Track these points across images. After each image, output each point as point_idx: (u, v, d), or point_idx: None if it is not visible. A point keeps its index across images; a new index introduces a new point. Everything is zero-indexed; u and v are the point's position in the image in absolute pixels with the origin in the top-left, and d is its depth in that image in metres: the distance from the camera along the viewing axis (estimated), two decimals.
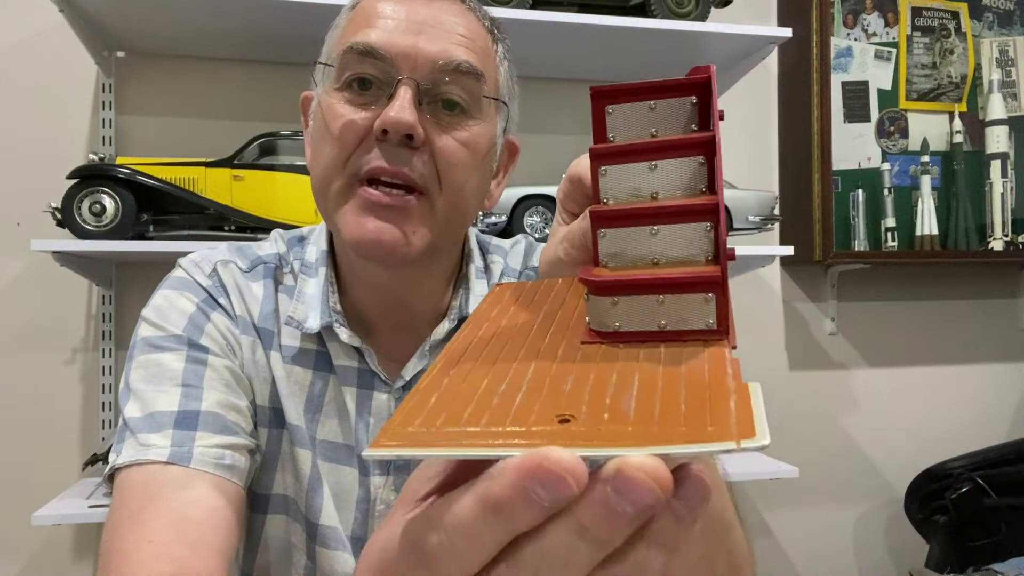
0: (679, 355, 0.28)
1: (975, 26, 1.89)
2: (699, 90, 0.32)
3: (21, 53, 1.45)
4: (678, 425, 0.22)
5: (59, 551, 1.43)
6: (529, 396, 0.25)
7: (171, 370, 0.62)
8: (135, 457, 0.58)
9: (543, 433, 0.22)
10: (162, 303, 0.66)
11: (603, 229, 0.31)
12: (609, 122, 0.33)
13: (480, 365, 0.28)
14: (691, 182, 0.31)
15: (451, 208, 0.63)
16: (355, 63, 0.61)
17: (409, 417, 0.25)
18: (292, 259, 0.71)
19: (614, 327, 0.30)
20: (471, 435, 0.23)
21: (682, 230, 0.30)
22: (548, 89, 1.67)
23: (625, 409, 0.24)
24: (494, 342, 0.31)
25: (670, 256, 0.31)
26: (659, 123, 0.32)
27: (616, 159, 0.32)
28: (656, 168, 0.32)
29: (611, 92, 0.33)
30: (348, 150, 0.61)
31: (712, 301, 0.29)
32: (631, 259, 0.31)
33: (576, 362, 0.28)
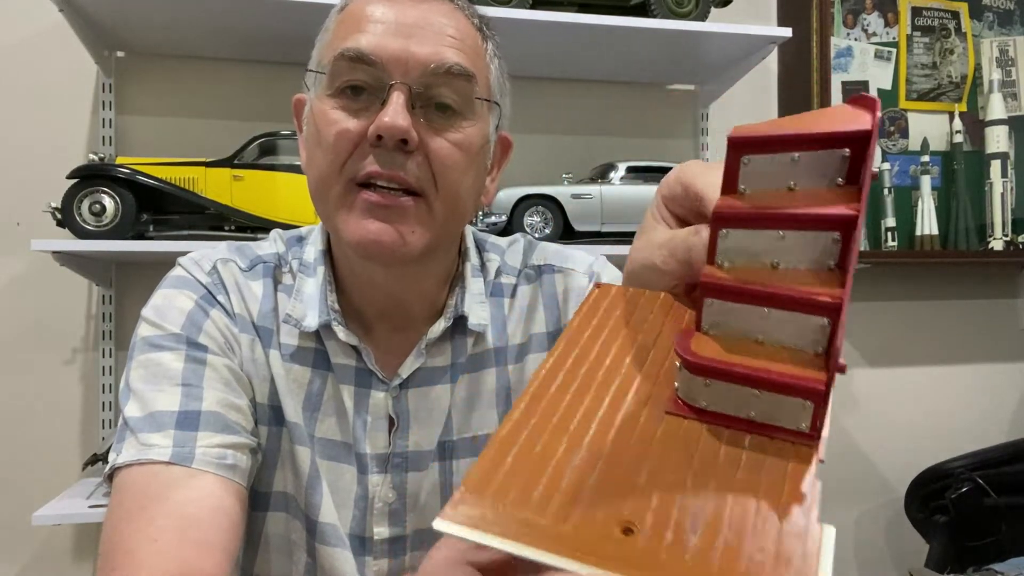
0: (761, 463, 0.26)
1: (975, 26, 1.89)
2: (855, 144, 0.28)
3: (21, 53, 1.45)
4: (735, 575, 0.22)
5: (59, 551, 1.43)
6: (601, 483, 0.25)
7: (171, 369, 0.62)
8: (136, 457, 0.58)
9: (604, 552, 0.23)
10: (161, 302, 0.66)
11: (712, 299, 0.29)
12: (743, 172, 0.29)
13: (561, 419, 0.28)
14: (820, 256, 0.28)
15: (448, 209, 0.63)
16: (346, 70, 0.61)
17: (482, 483, 0.25)
18: (291, 258, 0.71)
19: (702, 405, 0.29)
20: (537, 530, 0.23)
21: (796, 320, 0.28)
22: (548, 89, 1.67)
23: (689, 532, 0.23)
24: (579, 386, 0.30)
25: (777, 340, 0.28)
26: (800, 175, 0.29)
27: (741, 224, 0.29)
28: (784, 238, 0.28)
29: (754, 142, 0.29)
30: (343, 157, 0.61)
31: (810, 409, 0.27)
32: (735, 332, 0.29)
33: (655, 443, 0.27)
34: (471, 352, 0.70)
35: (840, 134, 0.28)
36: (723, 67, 1.61)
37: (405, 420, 0.68)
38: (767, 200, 0.29)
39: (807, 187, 0.29)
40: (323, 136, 0.61)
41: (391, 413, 0.68)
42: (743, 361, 0.28)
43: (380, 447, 0.67)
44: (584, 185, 1.46)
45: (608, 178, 1.48)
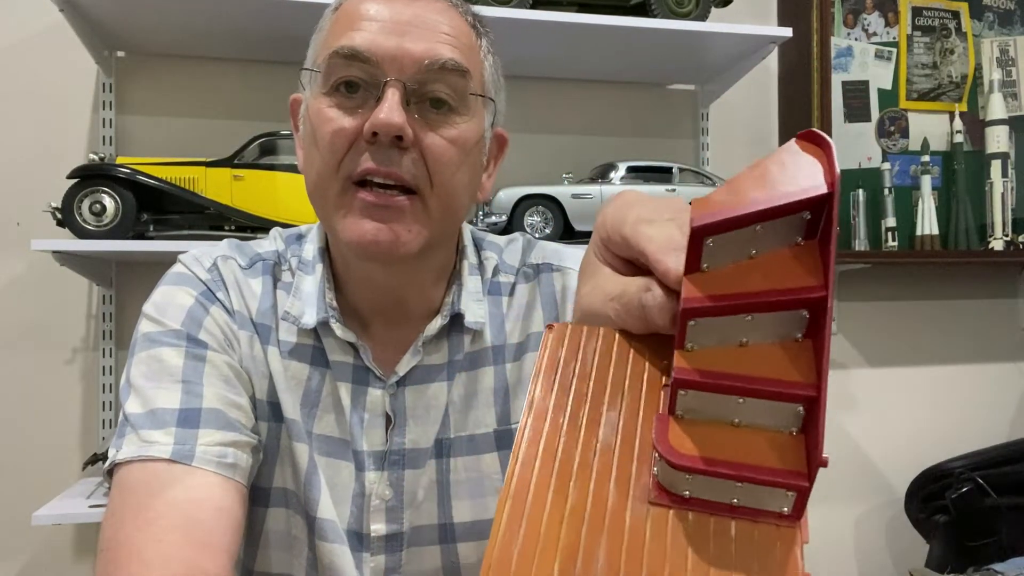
0: (750, 552, 0.27)
1: (975, 26, 1.89)
2: (815, 206, 0.28)
3: (21, 53, 1.45)
4: None
5: (59, 551, 1.43)
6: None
7: (171, 366, 0.62)
8: (137, 453, 0.58)
9: None
10: (161, 298, 0.66)
11: (684, 389, 0.29)
12: (706, 252, 0.29)
13: (548, 523, 0.28)
14: (788, 331, 0.29)
15: (444, 205, 0.63)
16: (341, 67, 0.61)
17: None
18: (290, 256, 0.72)
19: (684, 494, 0.28)
20: None
21: (772, 405, 0.28)
22: (548, 89, 1.67)
23: None
24: (560, 473, 0.29)
25: (752, 422, 0.29)
26: (761, 241, 0.29)
27: (708, 313, 0.29)
28: (752, 319, 0.29)
29: (717, 227, 0.29)
30: (339, 155, 0.61)
31: (793, 497, 0.27)
32: (710, 416, 0.29)
33: (648, 535, 0.27)
34: (468, 350, 0.70)
35: (802, 202, 0.28)
36: (723, 67, 1.61)
37: (402, 417, 0.68)
38: (732, 281, 0.29)
39: (767, 250, 0.29)
40: (319, 134, 0.62)
41: (388, 410, 0.68)
42: (724, 456, 0.28)
43: (377, 444, 0.68)
44: (584, 185, 1.46)
45: (608, 178, 1.48)
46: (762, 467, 0.27)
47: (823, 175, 0.28)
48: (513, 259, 0.75)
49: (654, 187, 1.46)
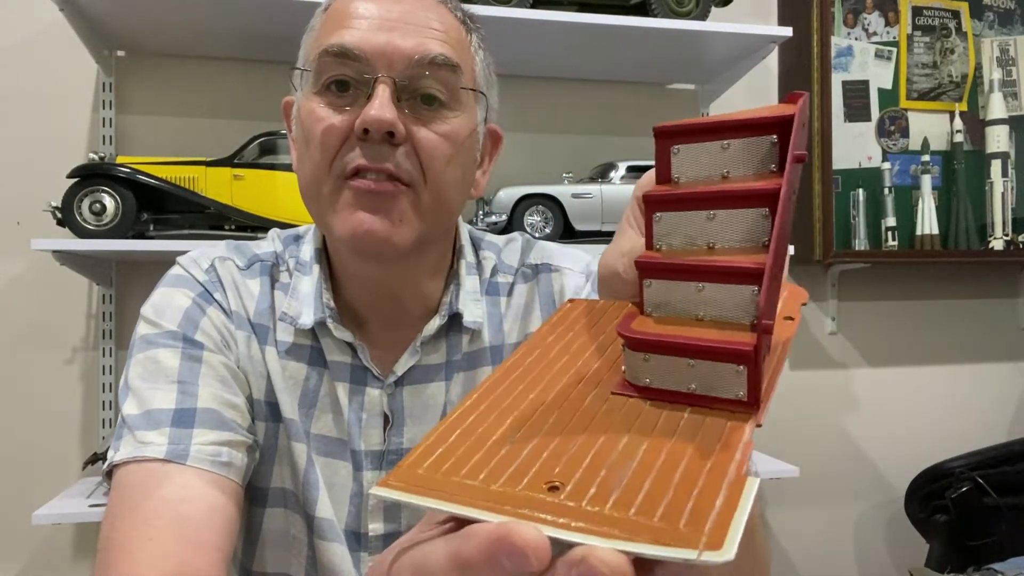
0: (697, 426, 0.27)
1: (976, 25, 1.89)
2: (781, 128, 0.29)
3: (21, 53, 1.45)
4: (651, 518, 0.22)
5: (59, 551, 1.43)
6: (535, 451, 0.26)
7: (167, 367, 0.63)
8: (133, 454, 0.58)
9: (527, 500, 0.24)
10: (159, 300, 0.67)
11: (649, 279, 0.30)
12: (675, 162, 0.30)
13: (508, 405, 0.29)
14: (752, 234, 0.29)
15: (437, 200, 0.63)
16: (331, 66, 0.61)
17: (423, 456, 0.26)
18: (288, 257, 0.72)
19: (645, 383, 0.29)
20: (465, 489, 0.24)
21: (727, 291, 0.29)
22: (548, 88, 1.67)
23: (612, 487, 0.24)
24: (533, 380, 0.31)
25: (715, 315, 0.29)
26: (733, 163, 0.30)
27: (670, 206, 0.30)
28: (715, 218, 0.29)
29: (678, 131, 0.30)
30: (331, 153, 0.61)
31: (743, 374, 0.27)
32: (676, 311, 0.30)
33: (595, 419, 0.28)
34: (467, 350, 0.70)
35: (763, 119, 0.29)
36: (724, 66, 1.61)
37: (400, 417, 0.68)
38: (697, 185, 0.30)
39: (740, 175, 0.30)
40: (311, 133, 0.62)
41: (386, 410, 0.68)
42: (676, 331, 0.28)
43: (375, 444, 0.68)
44: (585, 184, 1.46)
45: (608, 177, 1.48)
46: (709, 338, 0.28)
47: (791, 108, 0.29)
48: (512, 259, 0.75)
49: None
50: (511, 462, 0.26)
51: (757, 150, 0.29)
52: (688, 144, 0.30)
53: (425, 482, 0.25)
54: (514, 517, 0.23)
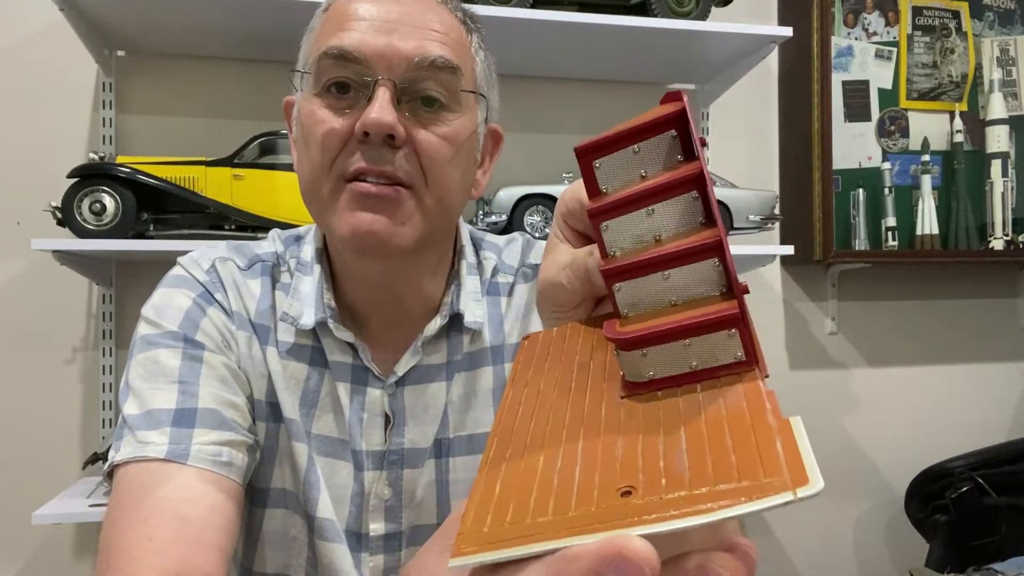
0: (717, 395, 0.28)
1: (976, 25, 1.89)
2: (676, 123, 0.32)
3: (21, 52, 1.45)
4: (733, 482, 0.23)
5: (59, 550, 1.43)
6: (586, 471, 0.26)
7: (168, 367, 0.63)
8: (133, 454, 0.58)
9: (610, 511, 0.23)
10: (160, 300, 0.67)
11: (617, 283, 0.32)
12: (599, 176, 0.33)
13: (532, 441, 0.29)
14: (689, 217, 0.32)
15: (438, 201, 0.63)
16: (331, 68, 0.61)
17: (480, 515, 0.26)
18: (289, 258, 0.72)
19: (649, 376, 0.30)
20: (544, 526, 0.24)
21: (692, 271, 0.31)
22: (549, 88, 1.67)
23: (680, 470, 0.24)
24: (539, 412, 0.31)
25: (686, 296, 0.31)
26: (646, 163, 0.33)
27: (613, 213, 0.32)
28: (653, 212, 0.32)
29: (593, 147, 0.33)
30: (332, 155, 0.61)
31: (736, 336, 0.29)
32: (650, 305, 0.32)
33: (622, 421, 0.29)
34: (467, 350, 0.70)
35: (660, 118, 0.32)
36: (724, 66, 1.61)
37: (401, 417, 0.68)
38: (627, 188, 0.33)
39: (655, 172, 0.32)
40: (311, 135, 0.62)
41: (387, 410, 0.68)
42: (661, 321, 0.30)
43: (376, 444, 0.68)
44: None
45: None
46: (696, 314, 0.30)
47: (679, 104, 0.32)
48: (512, 259, 0.75)
49: None
50: (570, 488, 0.25)
51: (662, 147, 0.32)
52: (605, 156, 0.33)
53: (498, 536, 0.24)
54: (608, 531, 0.22)
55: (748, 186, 1.60)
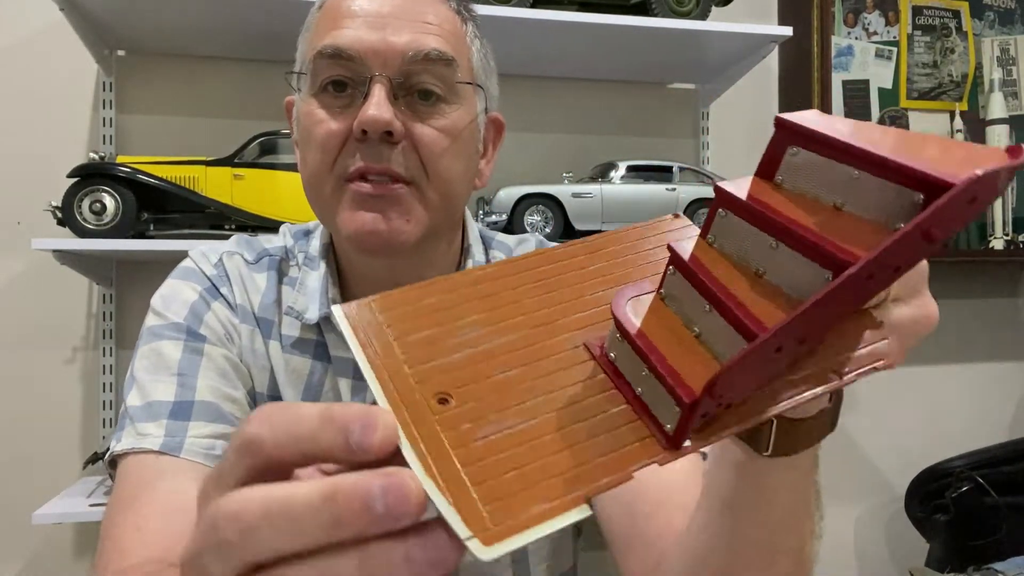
0: (609, 428, 0.26)
1: (976, 25, 1.89)
2: (937, 191, 0.22)
3: (22, 52, 1.45)
4: (476, 484, 0.23)
5: (59, 550, 1.43)
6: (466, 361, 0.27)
7: (169, 359, 0.63)
8: (132, 445, 0.59)
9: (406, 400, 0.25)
10: (167, 292, 0.68)
11: (673, 268, 0.28)
12: (787, 162, 0.26)
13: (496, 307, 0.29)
14: (804, 286, 0.24)
15: (441, 195, 0.63)
16: (327, 67, 0.61)
17: (393, 300, 0.27)
18: (297, 252, 0.73)
19: (611, 357, 0.28)
20: (383, 353, 0.26)
21: (725, 328, 0.26)
22: (548, 88, 1.67)
23: (490, 431, 0.24)
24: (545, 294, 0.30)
25: (707, 340, 0.27)
26: (855, 199, 0.24)
27: (742, 214, 0.26)
28: (777, 249, 0.25)
29: (806, 134, 0.25)
30: (332, 155, 0.61)
31: (677, 415, 0.25)
32: (678, 312, 0.28)
33: (546, 360, 0.28)
34: None
35: (919, 174, 0.22)
36: (724, 66, 1.61)
37: None
38: (788, 205, 0.25)
39: (857, 212, 0.24)
40: (311, 136, 0.62)
41: None
42: (655, 341, 0.27)
43: None
44: (585, 184, 1.46)
45: (608, 177, 1.48)
46: (670, 364, 0.26)
47: (978, 168, 0.21)
48: None
49: (654, 186, 1.46)
50: (442, 352, 0.26)
51: (891, 199, 0.23)
52: (812, 153, 0.25)
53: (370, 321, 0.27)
54: (385, 399, 0.24)
55: None
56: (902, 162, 0.22)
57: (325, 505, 0.23)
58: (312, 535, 0.23)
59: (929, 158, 0.22)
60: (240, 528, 0.24)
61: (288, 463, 0.25)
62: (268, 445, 0.25)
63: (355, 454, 0.24)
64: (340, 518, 0.23)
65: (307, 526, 0.23)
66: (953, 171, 0.21)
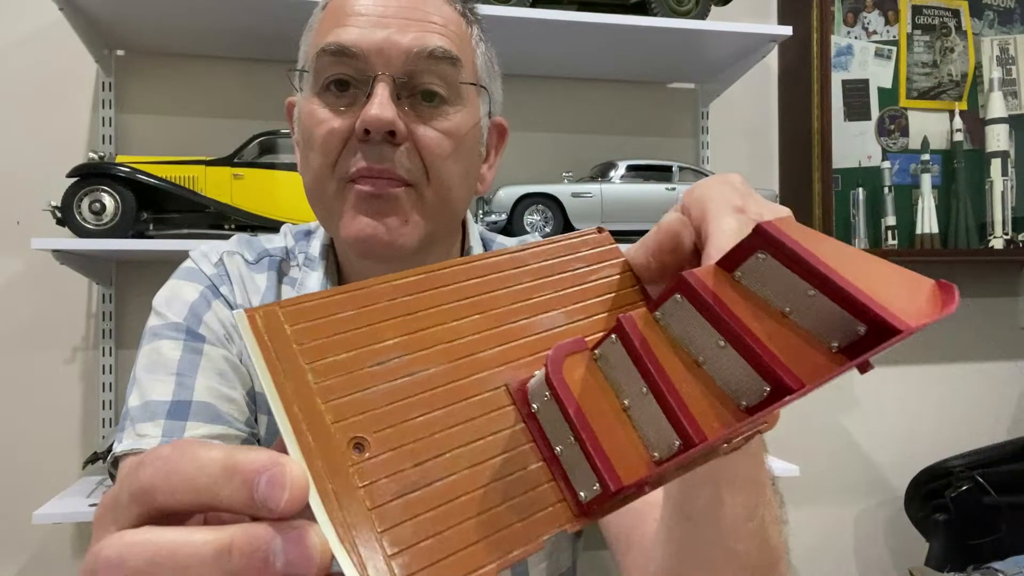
0: (519, 491, 0.25)
1: (975, 24, 1.89)
2: (877, 330, 0.22)
3: (21, 52, 1.45)
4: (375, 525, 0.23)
5: (59, 550, 1.43)
6: (384, 394, 0.26)
7: (168, 359, 0.63)
8: (131, 446, 0.59)
9: (335, 451, 0.24)
10: (168, 292, 0.68)
11: (614, 337, 0.27)
12: (751, 262, 0.26)
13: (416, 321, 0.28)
14: (740, 388, 0.24)
15: (440, 198, 0.63)
16: (330, 65, 0.61)
17: (302, 313, 0.26)
18: (298, 252, 0.73)
19: (533, 407, 0.27)
20: (292, 379, 0.25)
21: (659, 420, 0.25)
22: (548, 88, 1.67)
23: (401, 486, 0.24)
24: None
25: (635, 419, 0.26)
26: (802, 311, 0.24)
27: (696, 303, 0.26)
28: (723, 348, 0.25)
29: (775, 244, 0.25)
30: (333, 155, 0.61)
31: (597, 492, 0.25)
32: (612, 382, 0.27)
33: (466, 402, 0.27)
34: None
35: (868, 310, 0.22)
36: (723, 65, 1.61)
37: None
38: (741, 304, 0.25)
39: (800, 324, 0.25)
40: (313, 136, 0.62)
41: None
42: (585, 407, 0.26)
43: None
44: (584, 184, 1.46)
45: (608, 177, 1.48)
46: (599, 441, 0.25)
47: (920, 313, 0.23)
48: None
49: (654, 186, 1.46)
50: (359, 383, 0.25)
51: (837, 324, 0.24)
52: (776, 261, 0.25)
53: (278, 339, 0.26)
54: (290, 429, 0.24)
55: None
56: (857, 296, 0.23)
57: (219, 559, 0.21)
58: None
59: (880, 285, 0.24)
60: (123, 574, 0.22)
61: (185, 511, 0.24)
62: (161, 495, 0.23)
63: (259, 511, 0.22)
64: (234, 573, 0.21)
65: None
66: (901, 308, 0.23)
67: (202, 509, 0.24)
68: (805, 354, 0.24)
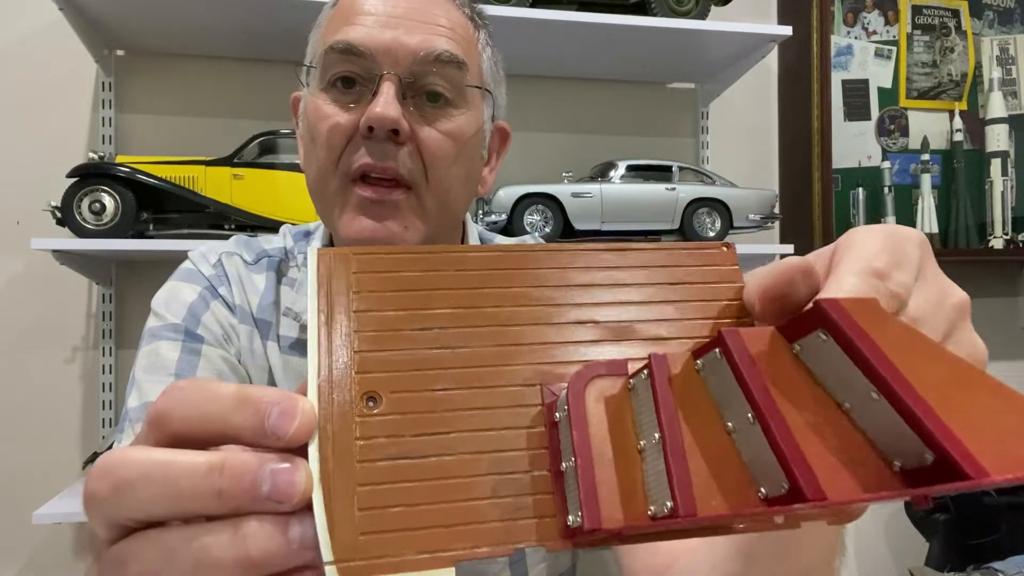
0: (510, 478, 0.25)
1: (975, 24, 1.89)
2: (947, 469, 0.19)
3: (21, 52, 1.45)
4: (366, 518, 0.23)
5: (59, 550, 1.43)
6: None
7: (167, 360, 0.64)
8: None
9: (348, 406, 0.25)
10: (167, 293, 0.68)
11: (632, 380, 0.26)
12: (812, 339, 0.23)
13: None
14: (765, 475, 0.21)
15: (440, 202, 0.63)
16: (337, 62, 0.61)
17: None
18: (297, 252, 0.73)
19: (556, 417, 0.27)
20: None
21: (663, 474, 0.23)
22: (548, 88, 1.67)
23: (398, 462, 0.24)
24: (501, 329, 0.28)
25: (646, 452, 0.24)
26: (864, 413, 0.22)
27: (735, 369, 0.23)
28: (752, 425, 0.22)
29: (835, 327, 0.22)
30: (337, 151, 0.61)
31: (583, 522, 0.24)
32: (633, 409, 0.25)
33: (492, 406, 0.26)
34: None
35: (946, 451, 0.19)
36: (723, 65, 1.61)
37: None
38: (787, 380, 0.23)
39: (858, 427, 0.22)
40: (317, 131, 0.62)
41: None
42: (587, 436, 0.24)
43: None
44: (584, 184, 1.46)
45: (608, 177, 1.48)
46: (592, 475, 0.24)
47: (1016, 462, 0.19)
48: None
49: (654, 186, 1.46)
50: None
51: (900, 438, 0.21)
52: (838, 347, 0.22)
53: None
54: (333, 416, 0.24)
55: (748, 185, 1.60)
56: (933, 429, 0.20)
57: (209, 475, 0.23)
58: (187, 503, 0.23)
59: (967, 427, 0.20)
60: (113, 483, 0.23)
61: (196, 441, 0.25)
62: (175, 420, 0.24)
63: (268, 438, 0.23)
64: (223, 491, 0.23)
65: (184, 492, 0.23)
66: (983, 455, 0.19)
67: (214, 438, 0.25)
68: (857, 462, 0.21)
